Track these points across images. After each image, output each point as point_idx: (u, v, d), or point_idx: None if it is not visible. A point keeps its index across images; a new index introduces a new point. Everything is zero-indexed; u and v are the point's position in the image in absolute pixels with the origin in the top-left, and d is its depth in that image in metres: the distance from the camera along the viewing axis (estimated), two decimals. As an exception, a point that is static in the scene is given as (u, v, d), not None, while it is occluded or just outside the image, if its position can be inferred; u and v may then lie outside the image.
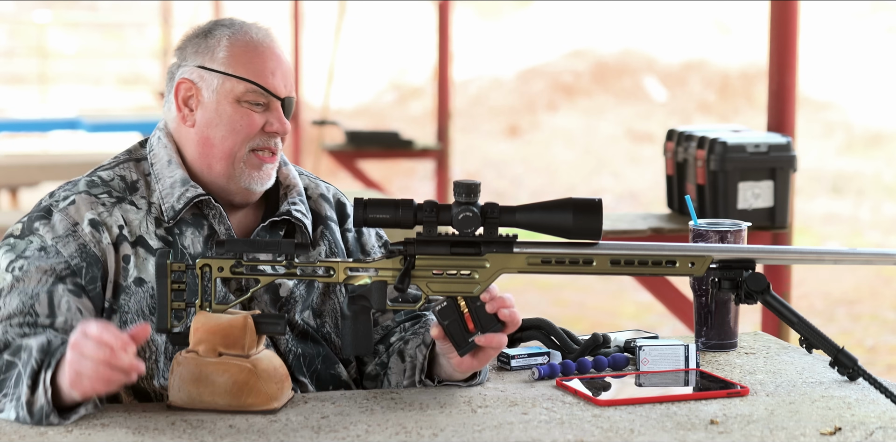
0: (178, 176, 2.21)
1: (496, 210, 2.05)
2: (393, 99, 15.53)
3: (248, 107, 2.21)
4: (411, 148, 7.26)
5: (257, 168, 2.22)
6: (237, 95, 2.20)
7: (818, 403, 2.11)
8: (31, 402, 1.95)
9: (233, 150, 2.21)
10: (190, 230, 2.20)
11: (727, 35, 15.52)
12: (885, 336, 6.94)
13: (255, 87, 2.20)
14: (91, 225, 2.16)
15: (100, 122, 10.22)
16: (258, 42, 2.23)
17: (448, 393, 2.15)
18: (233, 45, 2.22)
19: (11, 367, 1.99)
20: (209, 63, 2.22)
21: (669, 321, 6.63)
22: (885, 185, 11.58)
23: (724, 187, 3.87)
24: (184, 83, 2.23)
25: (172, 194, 2.20)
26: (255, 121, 2.21)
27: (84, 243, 2.15)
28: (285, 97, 2.23)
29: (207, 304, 2.06)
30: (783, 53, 3.98)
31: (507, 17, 16.99)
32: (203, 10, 16.02)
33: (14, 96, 16.95)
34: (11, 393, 1.97)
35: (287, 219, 2.26)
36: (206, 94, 2.22)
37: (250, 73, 2.20)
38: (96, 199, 2.19)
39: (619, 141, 13.27)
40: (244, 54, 2.21)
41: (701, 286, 2.45)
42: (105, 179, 2.22)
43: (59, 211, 2.17)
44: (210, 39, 2.23)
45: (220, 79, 2.21)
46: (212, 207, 2.22)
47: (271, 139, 2.23)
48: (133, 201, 2.21)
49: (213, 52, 2.22)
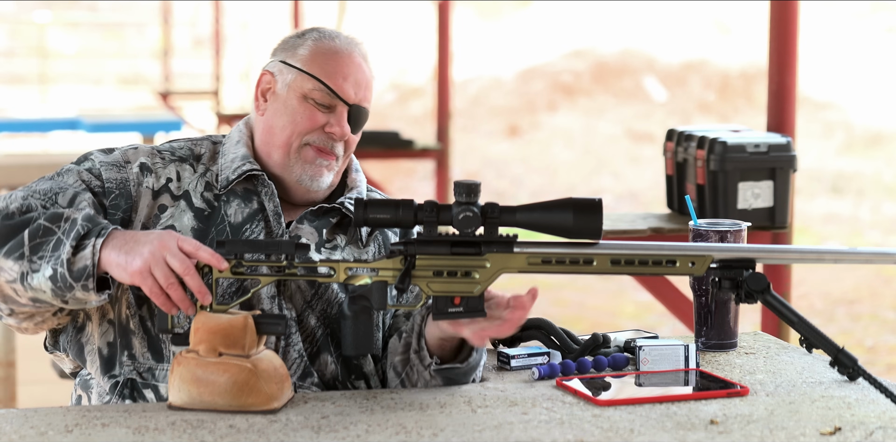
0: (241, 153, 2.29)
1: (496, 210, 2.05)
2: (393, 99, 15.53)
3: (314, 104, 2.27)
4: (411, 148, 7.26)
5: (310, 161, 2.27)
6: (305, 92, 2.27)
7: (818, 403, 2.11)
8: (72, 261, 2.02)
9: (289, 140, 2.27)
10: (237, 201, 2.26)
11: (727, 35, 15.53)
12: (885, 336, 6.94)
13: (322, 87, 2.26)
14: (140, 168, 2.26)
15: (100, 122, 10.21)
16: (339, 48, 2.30)
17: (448, 393, 2.15)
18: (316, 46, 2.29)
19: (50, 232, 2.05)
20: (290, 59, 2.30)
21: (669, 321, 6.64)
22: (885, 185, 11.58)
23: (723, 187, 3.87)
24: (265, 75, 2.33)
25: (230, 167, 2.28)
26: (316, 118, 2.27)
27: (126, 179, 2.24)
28: (353, 104, 2.28)
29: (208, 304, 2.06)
30: (783, 53, 3.98)
31: (507, 17, 16.99)
32: (203, 10, 16.02)
33: (14, 96, 16.95)
34: (49, 255, 2.03)
35: (340, 210, 2.30)
36: (280, 87, 2.30)
37: (322, 72, 2.27)
38: (157, 153, 2.30)
39: (618, 141, 13.27)
40: (322, 55, 2.28)
41: (701, 286, 2.45)
42: (174, 146, 2.33)
43: (120, 150, 2.30)
44: (299, 39, 2.32)
45: (295, 74, 2.28)
46: (266, 185, 2.27)
47: (329, 141, 2.28)
48: (192, 164, 2.30)
49: (297, 49, 2.30)
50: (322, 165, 2.28)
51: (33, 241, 2.05)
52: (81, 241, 2.03)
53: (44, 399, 4.30)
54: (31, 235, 2.06)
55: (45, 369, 4.65)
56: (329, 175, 2.30)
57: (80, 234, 2.03)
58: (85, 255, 2.02)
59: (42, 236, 2.05)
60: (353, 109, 2.28)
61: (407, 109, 14.90)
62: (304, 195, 2.30)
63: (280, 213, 2.26)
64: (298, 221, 2.27)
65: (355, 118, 2.29)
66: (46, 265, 2.03)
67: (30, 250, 2.05)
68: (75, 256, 2.02)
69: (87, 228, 2.05)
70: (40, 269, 2.03)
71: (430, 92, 13.02)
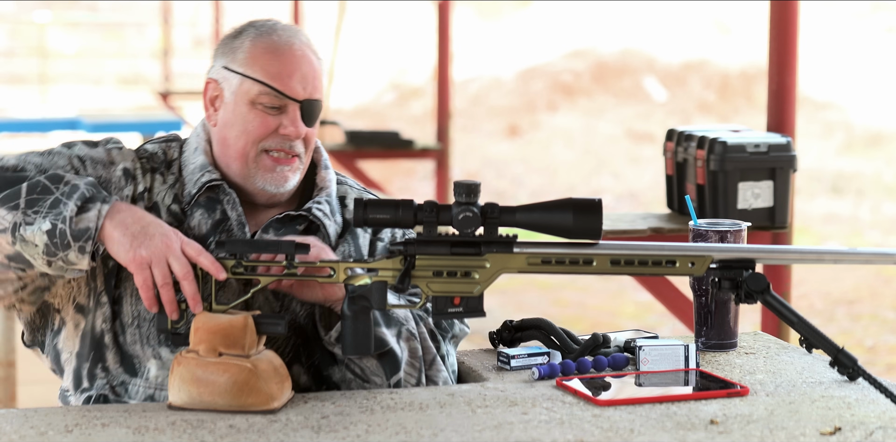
0: (200, 161, 2.25)
1: (496, 210, 2.05)
2: (393, 99, 15.53)
3: (263, 109, 2.22)
4: (411, 148, 7.26)
5: (270, 170, 2.23)
6: (252, 97, 2.21)
7: (818, 403, 2.11)
8: (74, 220, 2.00)
9: (245, 149, 2.23)
10: (200, 212, 2.22)
11: (727, 35, 15.53)
12: (885, 336, 6.94)
13: (269, 90, 2.21)
14: (123, 172, 2.22)
15: (100, 122, 10.21)
16: (279, 43, 2.23)
17: (448, 393, 2.15)
18: (254, 46, 2.23)
19: (48, 191, 2.03)
20: (231, 64, 2.24)
21: (669, 321, 6.64)
22: (885, 185, 11.58)
23: (723, 187, 3.87)
24: (210, 83, 2.28)
25: (192, 180, 2.24)
26: (267, 123, 2.22)
27: (108, 180, 2.21)
28: (304, 99, 2.22)
29: (207, 304, 2.06)
30: (783, 53, 3.98)
31: (507, 17, 17.00)
32: (203, 10, 16.02)
33: (14, 96, 16.95)
34: (47, 211, 2.00)
35: (307, 217, 2.26)
36: (227, 95, 2.25)
37: (266, 74, 2.21)
38: (139, 158, 2.26)
39: (618, 141, 13.27)
40: (262, 56, 2.22)
41: (701, 286, 2.45)
42: (150, 151, 2.29)
43: (104, 147, 2.26)
44: (236, 40, 2.26)
45: (239, 80, 2.23)
46: (227, 193, 2.23)
47: (286, 142, 2.23)
48: (163, 173, 2.26)
49: (236, 52, 2.24)
50: (284, 171, 2.24)
51: (31, 194, 2.02)
52: (86, 203, 2.02)
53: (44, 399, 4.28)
54: (30, 189, 2.03)
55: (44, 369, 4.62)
56: (294, 176, 2.26)
57: (84, 196, 2.02)
58: (89, 217, 2.01)
59: (40, 193, 2.02)
60: (305, 105, 2.23)
61: (407, 109, 14.90)
62: (269, 199, 2.27)
63: (244, 223, 2.23)
64: (264, 229, 2.23)
65: (308, 113, 2.24)
66: (43, 220, 2.00)
67: (26, 203, 2.02)
68: (78, 215, 2.01)
69: (92, 193, 2.03)
70: (35, 222, 2.00)
71: (430, 92, 13.02)
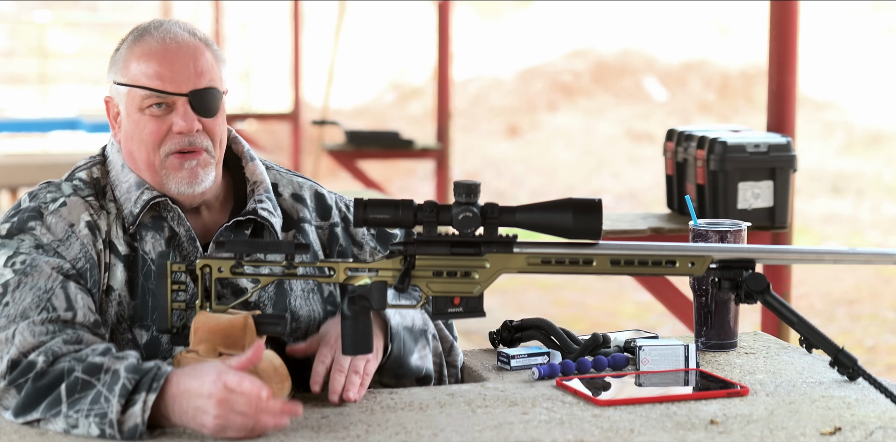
0: (133, 180, 2.19)
1: (496, 210, 2.05)
2: (393, 99, 15.53)
3: (152, 113, 2.15)
4: (411, 148, 7.26)
5: (178, 169, 2.16)
6: (139, 104, 2.16)
7: (818, 403, 2.11)
8: (121, 421, 1.89)
9: (149, 158, 2.17)
10: (150, 234, 2.17)
11: (727, 35, 15.52)
12: (885, 336, 6.94)
13: (149, 92, 2.14)
14: (87, 227, 2.14)
15: (100, 122, 10.21)
16: (151, 44, 2.16)
17: (448, 393, 2.15)
18: (129, 52, 2.18)
19: (88, 386, 1.92)
20: (116, 76, 2.19)
21: (669, 321, 6.63)
22: (885, 185, 11.58)
23: (723, 187, 3.87)
24: (108, 101, 2.22)
25: (130, 199, 2.17)
26: (158, 127, 2.15)
27: (84, 244, 2.12)
28: (191, 91, 2.15)
29: (207, 304, 2.06)
30: (783, 53, 3.98)
31: (507, 17, 16.99)
32: (203, 10, 16.02)
33: (14, 96, 16.95)
34: (87, 409, 1.90)
35: (253, 218, 2.22)
36: (122, 109, 2.19)
37: (143, 77, 2.15)
38: (85, 200, 2.17)
39: (618, 141, 13.27)
40: (137, 60, 2.16)
41: (701, 286, 2.45)
42: (86, 181, 2.20)
43: (52, 213, 2.14)
44: (117, 53, 2.20)
45: (126, 90, 2.17)
46: (169, 209, 2.18)
47: (184, 139, 2.16)
48: (104, 205, 2.18)
49: (118, 64, 2.19)
50: (192, 167, 2.17)
51: (71, 396, 1.92)
52: (131, 396, 1.90)
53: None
54: (69, 391, 1.93)
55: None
56: (208, 171, 2.18)
57: (126, 390, 1.90)
58: (134, 412, 1.89)
59: (81, 391, 1.92)
60: (193, 96, 2.15)
61: (407, 109, 14.90)
62: (196, 200, 2.20)
63: (194, 237, 2.18)
64: (215, 241, 2.15)
65: (201, 104, 2.15)
66: (88, 423, 1.90)
67: (68, 406, 1.92)
68: (125, 414, 1.89)
69: (134, 381, 1.91)
70: (79, 424, 1.90)
71: (430, 92, 13.01)
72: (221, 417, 1.88)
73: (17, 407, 1.95)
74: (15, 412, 1.96)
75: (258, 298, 2.22)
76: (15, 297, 2.04)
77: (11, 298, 2.04)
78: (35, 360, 1.96)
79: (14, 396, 1.96)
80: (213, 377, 1.89)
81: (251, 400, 1.88)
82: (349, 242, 2.34)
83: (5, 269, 2.08)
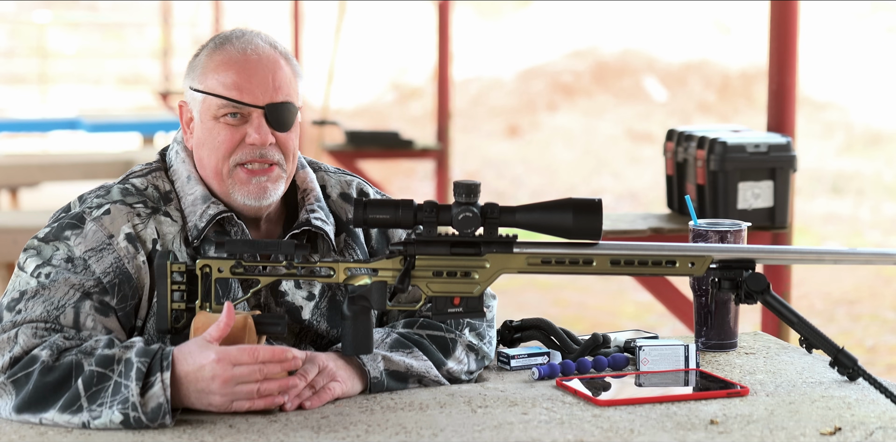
0: (199, 193, 2.18)
1: (496, 210, 2.05)
2: (393, 99, 15.53)
3: (226, 122, 2.16)
4: (411, 148, 7.26)
5: (245, 183, 2.17)
6: (214, 113, 2.16)
7: (818, 403, 2.11)
8: (143, 403, 1.92)
9: (217, 167, 2.17)
10: (212, 250, 2.16)
11: (727, 35, 15.52)
12: (885, 336, 6.94)
13: (226, 102, 2.15)
14: (127, 239, 2.12)
15: (100, 122, 10.21)
16: (232, 53, 2.16)
17: (448, 393, 2.15)
18: (209, 60, 2.18)
19: (105, 378, 1.94)
20: (193, 83, 2.20)
21: (669, 321, 6.63)
22: (885, 185, 11.58)
23: (723, 187, 3.87)
24: (182, 106, 2.23)
25: (195, 212, 2.17)
26: (231, 136, 2.16)
27: (119, 257, 2.10)
28: (267, 104, 2.16)
29: (207, 304, 2.06)
30: (783, 53, 3.98)
31: (507, 17, 16.99)
32: (203, 10, 16.02)
33: (14, 96, 16.96)
34: (109, 401, 1.92)
35: (307, 229, 2.22)
36: (196, 115, 2.20)
37: (221, 86, 2.15)
38: (132, 209, 2.15)
39: (618, 141, 13.27)
40: (216, 68, 2.16)
41: (701, 286, 2.45)
42: (139, 188, 2.19)
43: (93, 220, 2.13)
44: (196, 59, 2.21)
45: (202, 97, 2.18)
46: (234, 224, 2.18)
47: (256, 151, 2.16)
48: (168, 212, 2.17)
49: (196, 71, 2.19)
50: (261, 182, 2.17)
51: (89, 390, 1.93)
52: (147, 378, 1.93)
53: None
54: (86, 385, 1.94)
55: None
56: (277, 186, 2.18)
57: (141, 372, 1.93)
58: (155, 393, 1.92)
59: (98, 383, 1.94)
60: (269, 110, 2.16)
61: (407, 109, 14.89)
62: (256, 212, 2.20)
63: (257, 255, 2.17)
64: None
65: (276, 118, 2.16)
66: (111, 411, 1.92)
67: (88, 400, 1.93)
68: (144, 396, 1.92)
69: (147, 363, 1.94)
70: (102, 415, 1.92)
71: (430, 92, 13.01)
72: (228, 394, 1.95)
73: (22, 403, 1.95)
74: (18, 408, 1.96)
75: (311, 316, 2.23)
76: (28, 305, 2.05)
77: (24, 306, 2.05)
78: (38, 354, 1.97)
79: (10, 392, 1.96)
80: (214, 357, 1.94)
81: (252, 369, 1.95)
82: (382, 244, 2.32)
83: (31, 278, 2.08)
